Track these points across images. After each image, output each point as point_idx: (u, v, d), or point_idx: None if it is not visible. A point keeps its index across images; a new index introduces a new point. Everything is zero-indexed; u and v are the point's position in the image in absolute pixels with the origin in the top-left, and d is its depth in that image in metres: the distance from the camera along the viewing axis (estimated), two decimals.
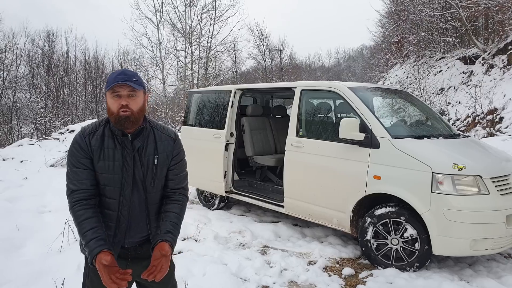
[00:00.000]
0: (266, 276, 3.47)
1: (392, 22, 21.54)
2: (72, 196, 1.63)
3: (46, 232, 4.08)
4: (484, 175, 3.33)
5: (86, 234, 1.56)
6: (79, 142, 1.66)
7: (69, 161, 1.66)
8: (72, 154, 1.66)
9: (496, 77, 11.68)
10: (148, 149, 1.72)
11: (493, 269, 3.56)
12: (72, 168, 1.65)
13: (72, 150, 1.66)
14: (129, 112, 1.61)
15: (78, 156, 1.64)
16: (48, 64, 22.27)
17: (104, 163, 1.64)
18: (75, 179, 1.64)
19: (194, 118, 5.99)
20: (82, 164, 1.64)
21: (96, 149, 1.64)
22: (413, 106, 4.86)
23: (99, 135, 1.66)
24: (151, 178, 1.72)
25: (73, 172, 1.64)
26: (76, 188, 1.63)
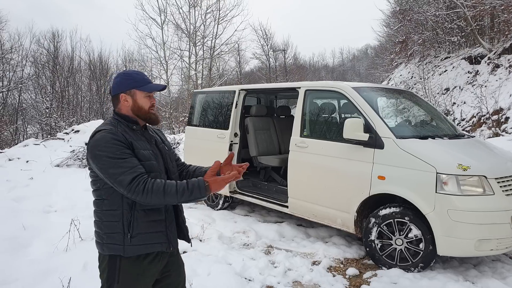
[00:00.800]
0: (271, 276, 3.48)
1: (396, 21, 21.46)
2: (135, 182, 1.62)
3: (52, 231, 4.11)
4: (489, 175, 3.32)
5: (179, 185, 1.65)
6: (115, 138, 1.68)
7: (110, 157, 1.63)
8: (111, 149, 1.65)
9: (502, 76, 11.61)
10: (157, 139, 1.94)
11: (498, 269, 3.54)
12: (119, 161, 1.64)
13: (110, 146, 1.65)
14: (155, 110, 1.88)
15: (120, 148, 1.66)
16: (53, 64, 22.45)
17: (142, 152, 1.75)
18: (128, 167, 1.64)
19: (198, 119, 6.01)
20: (128, 154, 1.68)
21: (132, 141, 1.74)
22: (417, 106, 4.85)
23: (122, 132, 1.75)
24: (170, 161, 1.94)
25: (122, 163, 1.64)
26: (134, 175, 1.63)
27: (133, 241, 1.70)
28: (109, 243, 1.71)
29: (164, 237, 1.78)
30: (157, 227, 1.76)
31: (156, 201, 1.63)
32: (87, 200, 5.53)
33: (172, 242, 1.82)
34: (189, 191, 1.63)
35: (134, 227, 1.71)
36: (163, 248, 1.78)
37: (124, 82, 1.81)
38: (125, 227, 1.70)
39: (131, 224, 1.70)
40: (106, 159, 1.63)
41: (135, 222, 1.71)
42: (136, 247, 1.71)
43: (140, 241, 1.72)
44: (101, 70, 24.76)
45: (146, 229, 1.73)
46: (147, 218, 1.73)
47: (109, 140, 1.66)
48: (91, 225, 1.79)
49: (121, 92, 1.81)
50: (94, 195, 1.78)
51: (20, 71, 21.08)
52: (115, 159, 1.64)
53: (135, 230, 1.71)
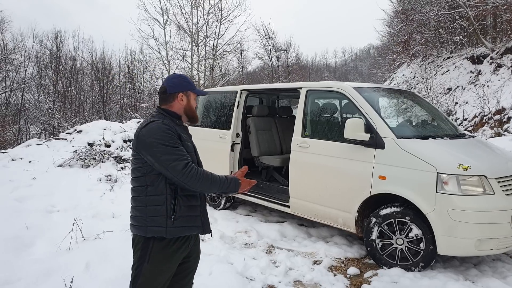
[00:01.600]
0: (272, 276, 3.50)
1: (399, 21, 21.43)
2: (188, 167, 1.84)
3: (55, 231, 4.14)
4: (489, 175, 3.33)
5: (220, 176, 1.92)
6: (169, 128, 1.90)
7: (165, 145, 1.84)
8: (165, 137, 1.85)
9: (504, 76, 11.58)
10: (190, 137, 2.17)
11: (498, 269, 3.55)
12: (172, 148, 1.85)
13: (164, 134, 1.86)
14: None
15: (174, 137, 1.89)
16: (55, 65, 22.54)
17: (186, 144, 1.98)
18: (181, 155, 1.86)
19: (200, 119, 6.04)
20: (179, 143, 1.91)
21: (179, 134, 1.96)
22: (418, 106, 4.86)
23: (172, 125, 1.96)
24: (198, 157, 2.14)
25: (176, 150, 1.86)
26: (187, 161, 1.86)
27: (175, 223, 1.89)
28: (153, 226, 1.89)
29: (200, 221, 1.99)
30: (194, 211, 1.97)
31: (203, 187, 1.86)
32: (90, 200, 5.58)
33: (205, 227, 2.02)
34: (228, 183, 1.92)
35: (177, 211, 1.90)
36: (198, 231, 2.00)
37: (183, 83, 2.07)
38: (169, 210, 1.88)
39: (175, 207, 1.89)
40: (160, 146, 1.83)
41: (178, 206, 1.90)
42: (178, 229, 1.91)
43: (181, 223, 1.91)
44: (104, 70, 24.83)
45: (187, 212, 1.93)
46: (187, 202, 1.94)
47: (164, 129, 1.87)
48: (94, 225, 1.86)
49: (179, 92, 2.05)
50: (135, 182, 1.96)
51: (23, 71, 21.21)
52: (169, 147, 1.84)
53: (178, 213, 1.90)
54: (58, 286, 3.01)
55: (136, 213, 1.95)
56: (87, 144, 8.93)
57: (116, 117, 20.83)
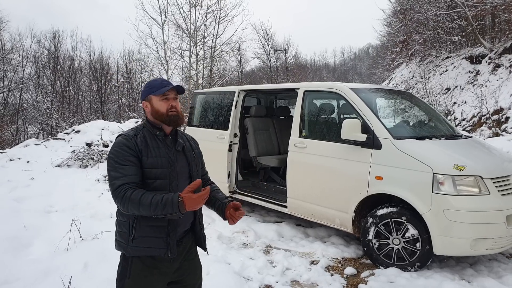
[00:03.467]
0: (269, 276, 3.52)
1: (397, 21, 21.45)
2: (120, 189, 1.71)
3: (53, 231, 4.15)
4: (485, 175, 3.35)
5: (154, 197, 1.67)
6: (126, 143, 1.81)
7: (115, 161, 1.77)
8: (118, 154, 1.78)
9: (503, 76, 11.61)
10: (187, 145, 2.02)
11: (494, 268, 3.58)
12: (119, 166, 1.76)
13: (118, 150, 1.79)
14: (176, 112, 1.91)
15: (126, 155, 1.78)
16: (54, 64, 22.49)
17: (152, 159, 1.82)
18: (123, 174, 1.75)
19: (198, 119, 6.05)
20: (130, 161, 1.78)
21: (143, 148, 1.83)
22: (415, 107, 4.88)
23: (142, 137, 1.86)
24: (196, 168, 2.01)
25: (120, 169, 1.75)
26: (123, 182, 1.73)
27: (134, 242, 1.80)
28: (119, 241, 1.85)
29: (164, 243, 1.82)
30: (157, 232, 1.81)
31: (133, 210, 1.69)
32: (88, 200, 5.59)
33: (171, 249, 1.83)
34: (162, 205, 1.65)
35: (136, 229, 1.80)
36: (160, 254, 1.82)
37: (144, 91, 1.95)
38: (130, 227, 1.80)
39: (134, 226, 1.80)
40: (111, 161, 1.79)
41: (138, 225, 1.79)
42: (136, 248, 1.81)
43: (140, 243, 1.80)
44: (102, 70, 24.78)
45: (147, 233, 1.80)
46: (149, 222, 1.79)
47: (120, 144, 1.81)
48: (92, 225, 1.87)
49: (142, 100, 1.95)
50: None
51: (21, 71, 21.15)
52: (116, 163, 1.77)
53: (137, 233, 1.80)
54: (56, 286, 3.02)
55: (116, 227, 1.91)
56: (85, 144, 8.92)
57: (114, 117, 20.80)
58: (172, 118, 1.89)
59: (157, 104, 1.90)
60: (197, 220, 2.04)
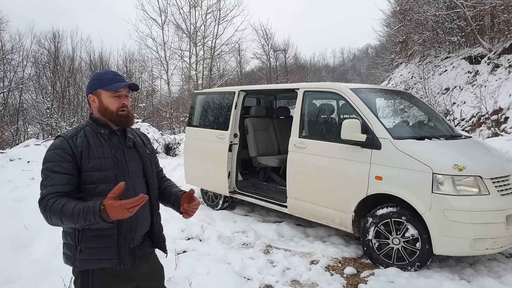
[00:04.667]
0: (269, 275, 3.53)
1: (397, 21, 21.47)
2: (45, 199, 1.55)
3: (53, 231, 4.11)
4: (485, 175, 3.36)
5: (76, 206, 1.47)
6: (60, 146, 1.61)
7: (46, 166, 1.59)
8: (51, 158, 1.59)
9: (502, 76, 11.63)
10: (138, 141, 1.86)
11: (493, 268, 3.59)
12: (49, 173, 1.58)
13: (51, 154, 1.60)
14: (126, 111, 1.74)
15: (59, 160, 1.59)
16: (54, 65, 22.50)
17: (95, 161, 1.63)
18: (51, 184, 1.56)
19: (198, 119, 6.06)
20: (62, 167, 1.59)
21: (84, 149, 1.63)
22: (415, 107, 4.89)
23: (82, 136, 1.67)
24: (150, 164, 1.86)
25: (49, 177, 1.57)
26: (49, 192, 1.55)
27: (81, 255, 1.63)
28: (66, 253, 1.69)
29: (115, 253, 1.65)
30: (107, 242, 1.64)
31: (57, 222, 1.52)
32: None
33: (124, 259, 1.66)
34: (84, 214, 1.45)
35: (83, 241, 1.62)
36: (112, 265, 1.65)
37: (91, 83, 1.73)
38: (77, 239, 1.63)
39: (80, 236, 1.63)
40: (43, 166, 1.61)
41: (84, 235, 1.63)
42: (85, 261, 1.64)
43: (88, 255, 1.64)
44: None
45: (95, 244, 1.63)
46: (96, 232, 1.61)
47: (55, 147, 1.62)
48: None
49: (89, 93, 1.74)
50: None
51: (21, 71, 21.16)
52: (47, 170, 1.59)
53: (84, 244, 1.63)
54: (57, 286, 3.03)
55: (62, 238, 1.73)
56: None
57: None
58: (121, 118, 1.71)
59: (106, 100, 1.70)
60: (155, 221, 1.86)
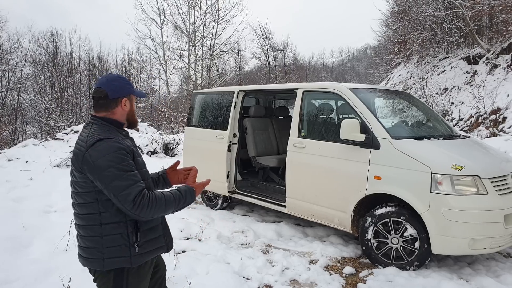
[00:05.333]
0: (268, 275, 3.53)
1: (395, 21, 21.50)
2: (140, 196, 1.60)
3: (52, 231, 4.15)
4: (483, 175, 3.37)
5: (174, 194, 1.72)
6: (122, 147, 1.64)
7: (117, 168, 1.59)
8: (119, 160, 1.61)
9: (500, 77, 11.67)
10: None
11: (492, 268, 3.60)
12: (126, 173, 1.60)
13: (117, 156, 1.61)
14: None
15: (127, 160, 1.65)
16: (52, 64, 22.48)
17: (137, 160, 1.76)
18: (134, 180, 1.62)
19: (197, 119, 6.06)
20: (133, 166, 1.68)
21: (133, 148, 1.76)
22: (414, 107, 4.90)
23: (123, 140, 1.74)
24: None
25: (129, 175, 1.61)
26: (140, 188, 1.62)
27: (139, 250, 1.71)
28: (113, 257, 1.67)
29: (163, 240, 1.85)
30: (156, 231, 1.82)
31: (159, 213, 1.67)
32: None
33: (168, 244, 1.89)
34: (184, 197, 1.73)
35: (141, 237, 1.71)
36: (163, 251, 1.86)
37: (126, 87, 1.78)
38: (131, 238, 1.68)
39: (138, 233, 1.70)
40: (112, 170, 1.57)
41: (141, 232, 1.71)
42: (142, 255, 1.75)
43: (145, 248, 1.75)
44: (100, 70, 24.79)
45: (149, 235, 1.77)
46: (149, 225, 1.77)
47: (116, 149, 1.61)
48: None
49: (123, 97, 1.77)
50: (83, 208, 1.68)
51: (19, 71, 21.14)
52: (121, 171, 1.58)
53: (142, 239, 1.72)
54: (56, 286, 3.03)
55: (87, 243, 1.69)
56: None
57: None
58: (136, 120, 1.90)
59: (134, 105, 1.85)
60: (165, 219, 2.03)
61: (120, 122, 1.80)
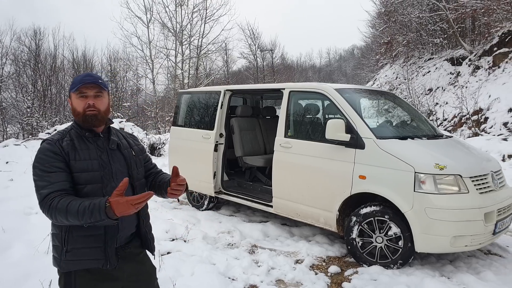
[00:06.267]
0: (254, 275, 3.52)
1: (382, 23, 21.76)
2: (47, 198, 1.54)
3: (33, 233, 4.06)
4: (464, 174, 3.43)
5: (82, 204, 1.49)
6: (50, 149, 1.63)
7: (40, 169, 1.60)
8: (43, 161, 1.61)
9: (482, 78, 11.91)
10: (123, 143, 1.86)
11: (472, 265, 3.67)
12: (44, 174, 1.59)
13: (42, 157, 1.61)
14: (96, 111, 1.70)
15: (51, 161, 1.61)
16: (34, 63, 22.01)
17: (81, 163, 1.66)
18: (49, 182, 1.57)
19: (183, 119, 6.01)
20: (56, 167, 1.61)
21: (70, 151, 1.66)
22: (398, 107, 4.96)
23: (68, 140, 1.69)
24: (135, 166, 1.86)
25: (46, 177, 1.58)
26: (51, 190, 1.56)
27: (67, 255, 1.63)
28: (54, 255, 1.68)
29: (101, 253, 1.66)
30: (93, 242, 1.65)
31: (63, 220, 1.53)
32: None
33: (110, 260, 1.67)
34: (89, 211, 1.46)
35: (69, 241, 1.63)
36: (99, 265, 1.66)
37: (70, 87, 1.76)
38: (63, 240, 1.63)
39: (66, 237, 1.63)
40: (36, 170, 1.61)
41: (70, 236, 1.63)
42: (71, 262, 1.64)
43: (74, 256, 1.63)
44: (85, 69, 24.38)
45: (81, 244, 1.63)
46: (82, 232, 1.62)
47: (44, 151, 1.63)
48: None
49: (68, 98, 1.78)
50: None
51: None
52: (41, 172, 1.60)
53: (70, 245, 1.63)
54: None
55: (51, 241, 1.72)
56: None
57: None
58: (88, 118, 1.69)
59: (75, 102, 1.70)
60: (141, 222, 1.85)
61: (78, 122, 1.75)
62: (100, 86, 1.72)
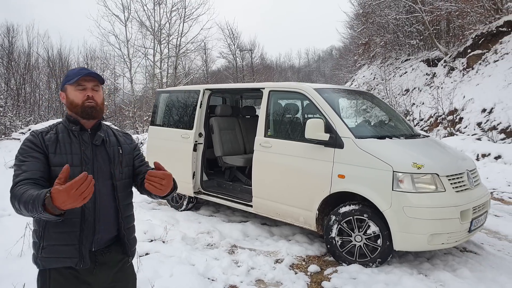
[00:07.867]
0: (234, 276, 3.49)
1: (360, 24, 22.09)
2: (14, 186, 1.51)
3: (6, 236, 3.91)
4: (441, 173, 3.50)
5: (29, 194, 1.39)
6: (31, 139, 1.64)
7: (18, 159, 1.61)
8: (22, 151, 1.62)
9: (457, 79, 12.24)
10: (111, 140, 1.82)
11: (449, 262, 3.75)
12: (20, 163, 1.59)
13: (23, 147, 1.63)
14: (94, 103, 1.70)
15: (29, 151, 1.61)
16: (7, 60, 21.27)
17: (61, 157, 1.64)
18: (23, 170, 1.55)
19: (162, 118, 5.92)
20: (32, 157, 1.60)
21: (51, 144, 1.64)
22: (376, 107, 5.03)
23: (53, 133, 1.69)
24: (119, 165, 1.80)
25: (22, 165, 1.57)
26: (21, 178, 1.52)
27: (43, 252, 1.60)
28: (33, 252, 1.65)
29: (76, 252, 1.60)
30: (68, 239, 1.60)
31: (19, 210, 1.45)
32: None
33: (85, 259, 1.61)
34: (31, 203, 1.36)
35: (45, 238, 1.60)
36: (72, 264, 1.61)
37: (62, 81, 1.77)
38: (39, 236, 1.61)
39: (42, 233, 1.60)
40: (16, 160, 1.63)
41: (46, 232, 1.60)
42: (46, 259, 1.61)
43: (49, 253, 1.60)
44: (61, 67, 23.74)
45: (56, 240, 1.60)
46: (58, 228, 1.59)
47: (26, 141, 1.66)
48: None
49: (61, 91, 1.77)
50: None
51: None
52: (19, 161, 1.61)
53: (46, 241, 1.60)
54: None
55: None
56: None
57: None
58: (88, 109, 1.68)
59: (71, 94, 1.70)
60: (121, 225, 1.78)
61: (71, 117, 1.73)
62: (97, 80, 1.73)
